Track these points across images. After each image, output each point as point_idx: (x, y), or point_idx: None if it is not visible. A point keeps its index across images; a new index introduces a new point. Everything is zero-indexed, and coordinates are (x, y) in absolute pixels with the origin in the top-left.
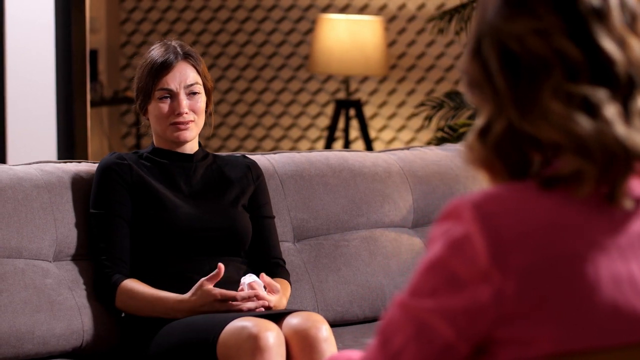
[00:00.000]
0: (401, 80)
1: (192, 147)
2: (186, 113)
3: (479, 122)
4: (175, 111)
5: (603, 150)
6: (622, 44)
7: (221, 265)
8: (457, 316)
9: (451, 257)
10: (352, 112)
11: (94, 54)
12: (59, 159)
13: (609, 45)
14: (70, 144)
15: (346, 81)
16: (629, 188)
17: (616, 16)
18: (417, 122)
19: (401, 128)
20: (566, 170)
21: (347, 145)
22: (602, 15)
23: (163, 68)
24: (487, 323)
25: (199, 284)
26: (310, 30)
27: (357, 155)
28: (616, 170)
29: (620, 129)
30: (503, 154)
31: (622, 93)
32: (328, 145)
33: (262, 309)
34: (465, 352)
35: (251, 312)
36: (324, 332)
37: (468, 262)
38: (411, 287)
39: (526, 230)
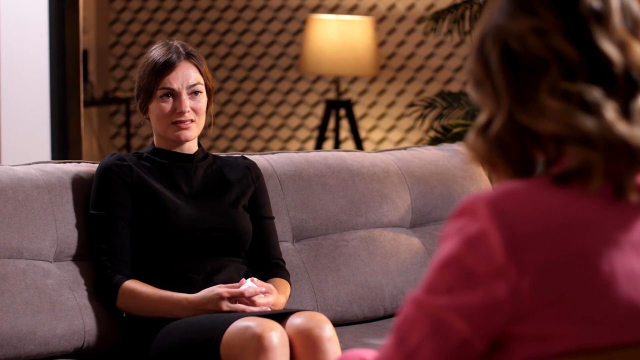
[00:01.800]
0: (391, 80)
1: (192, 147)
2: (188, 112)
3: (480, 119)
4: (177, 110)
5: (607, 143)
6: (622, 46)
7: (243, 280)
8: (473, 313)
9: (467, 254)
10: (342, 112)
11: (84, 54)
12: (52, 158)
13: (607, 46)
14: (64, 143)
15: (336, 81)
16: (637, 183)
17: (616, 19)
18: (406, 122)
19: (391, 128)
20: (574, 164)
21: (337, 145)
22: (602, 17)
23: (165, 68)
24: (503, 319)
25: (213, 287)
26: (299, 31)
27: (356, 156)
28: (622, 162)
29: (622, 127)
30: (504, 149)
31: (622, 93)
32: (318, 146)
33: (268, 309)
34: (481, 349)
35: (254, 312)
36: (328, 331)
37: (484, 258)
38: (426, 284)
39: (541, 227)
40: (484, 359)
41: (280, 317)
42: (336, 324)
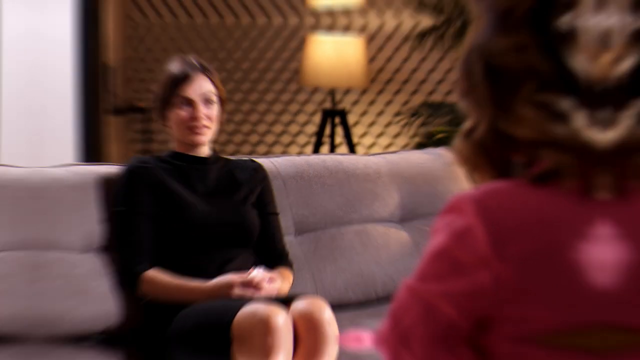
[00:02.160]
0: (380, 92)
1: (206, 151)
2: (202, 119)
3: (466, 125)
4: (193, 117)
5: (576, 148)
6: (591, 60)
7: (252, 269)
8: (459, 298)
9: (454, 246)
10: (337, 120)
11: (107, 67)
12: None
13: (576, 61)
14: (90, 148)
15: (332, 93)
16: (605, 182)
17: (586, 35)
18: (394, 129)
19: (380, 134)
20: (549, 166)
21: (332, 149)
22: (570, 35)
23: (183, 79)
24: (487, 304)
25: (225, 276)
26: (299, 48)
27: (351, 159)
28: (590, 164)
29: (589, 133)
30: (486, 151)
31: (590, 102)
32: (316, 150)
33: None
34: (467, 329)
35: (262, 298)
36: (327, 314)
37: (470, 250)
38: (419, 273)
39: (520, 223)
40: (471, 338)
41: (284, 302)
42: (333, 307)
